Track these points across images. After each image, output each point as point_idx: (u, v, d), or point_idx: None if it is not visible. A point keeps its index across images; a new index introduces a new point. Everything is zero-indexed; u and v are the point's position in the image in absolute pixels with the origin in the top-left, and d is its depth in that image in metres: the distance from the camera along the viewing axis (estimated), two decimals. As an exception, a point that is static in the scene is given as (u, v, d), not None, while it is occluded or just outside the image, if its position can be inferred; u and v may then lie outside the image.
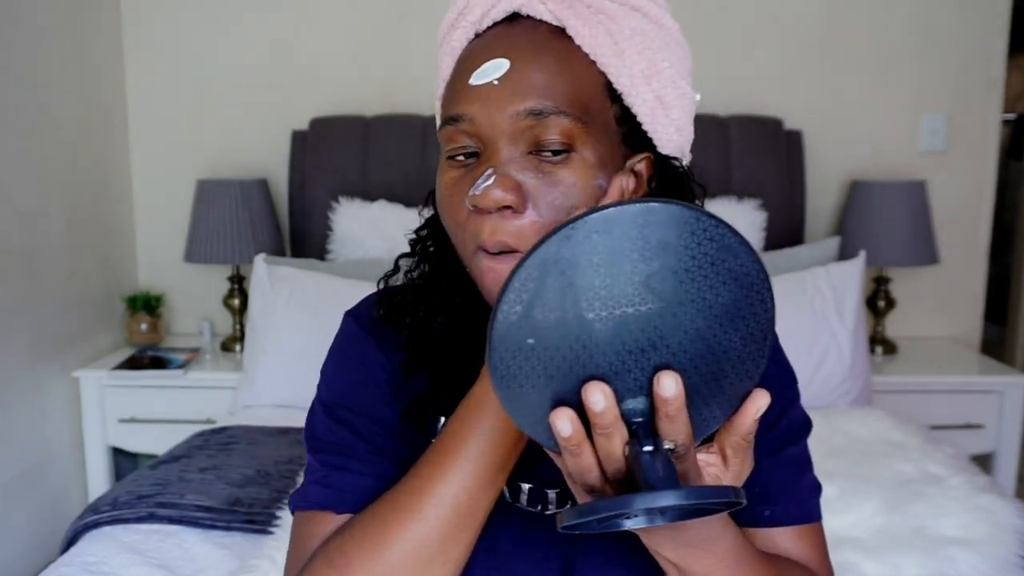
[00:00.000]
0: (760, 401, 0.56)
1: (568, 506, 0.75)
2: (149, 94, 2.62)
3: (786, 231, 2.49)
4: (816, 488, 0.81)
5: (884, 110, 2.61)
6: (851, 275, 2.20)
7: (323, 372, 0.81)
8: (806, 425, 0.81)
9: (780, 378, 0.80)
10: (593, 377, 0.52)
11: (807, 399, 0.83)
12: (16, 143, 2.10)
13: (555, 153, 0.65)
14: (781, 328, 0.70)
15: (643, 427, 0.53)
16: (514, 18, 0.69)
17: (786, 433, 0.79)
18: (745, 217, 2.38)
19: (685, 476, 0.56)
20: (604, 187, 0.67)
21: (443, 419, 0.76)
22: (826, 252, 2.33)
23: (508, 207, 0.64)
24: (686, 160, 0.75)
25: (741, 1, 2.56)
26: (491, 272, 0.65)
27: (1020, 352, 3.34)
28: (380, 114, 2.53)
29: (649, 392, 0.53)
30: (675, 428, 0.53)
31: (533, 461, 0.73)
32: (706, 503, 0.51)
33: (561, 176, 0.65)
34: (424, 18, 2.53)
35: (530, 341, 0.51)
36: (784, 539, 0.77)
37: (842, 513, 1.49)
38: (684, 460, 0.55)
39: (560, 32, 0.67)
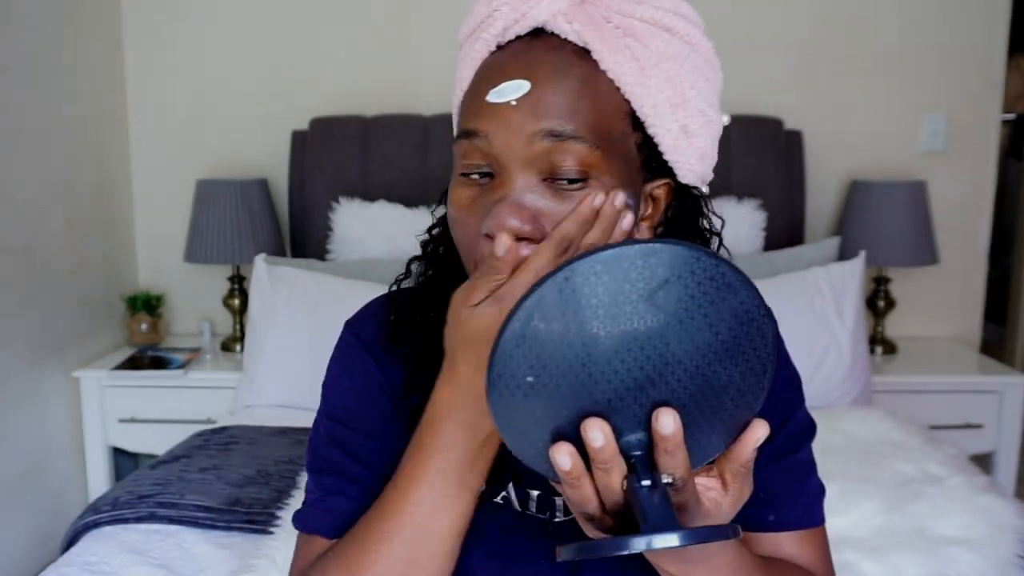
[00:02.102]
0: (759, 432, 0.56)
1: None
2: (149, 94, 2.62)
3: (786, 231, 2.49)
4: (820, 492, 0.81)
5: (884, 110, 2.61)
6: (851, 275, 2.20)
7: (324, 387, 0.81)
8: (811, 429, 0.81)
9: (785, 382, 0.80)
10: (592, 412, 0.52)
11: (807, 399, 0.83)
12: (16, 143, 2.10)
13: (571, 181, 0.64)
14: (781, 328, 0.70)
15: (641, 461, 0.54)
16: (538, 33, 0.67)
17: (791, 438, 0.79)
18: (745, 217, 2.38)
19: (683, 507, 0.56)
20: (631, 205, 0.66)
21: None
22: (826, 252, 2.33)
23: (524, 238, 0.63)
24: (707, 181, 0.74)
25: (741, 1, 2.56)
26: None
27: (1020, 352, 3.34)
28: (380, 114, 2.53)
29: (648, 427, 0.53)
30: (674, 463, 0.53)
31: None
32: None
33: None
34: (424, 18, 2.53)
35: (529, 379, 0.51)
36: (788, 543, 0.77)
37: (842, 513, 1.49)
38: (683, 492, 0.55)
39: (585, 53, 0.65)
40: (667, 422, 0.52)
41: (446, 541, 0.67)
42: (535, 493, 0.75)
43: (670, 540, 0.48)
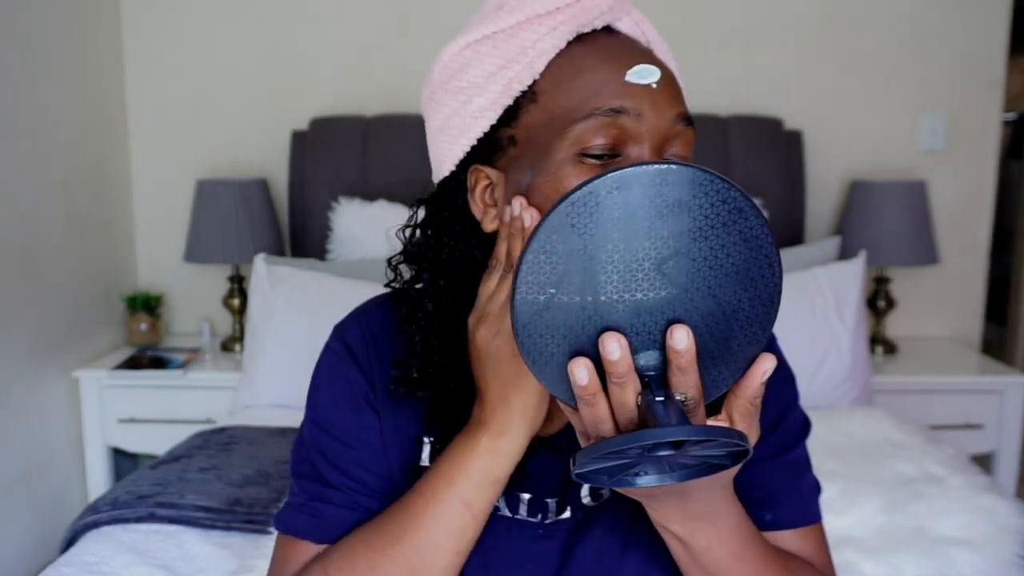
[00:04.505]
0: (767, 364, 0.57)
1: (568, 514, 0.75)
2: (149, 94, 2.62)
3: (786, 231, 2.49)
4: (816, 489, 0.81)
5: (884, 110, 2.61)
6: (851, 275, 2.20)
7: (309, 391, 0.81)
8: (806, 426, 0.82)
9: (781, 379, 0.80)
10: (609, 329, 0.54)
11: (807, 399, 0.83)
12: (16, 143, 2.10)
13: None
14: (781, 328, 0.70)
15: (655, 380, 0.55)
16: (606, 30, 0.70)
17: (786, 435, 0.79)
18: (745, 217, 2.37)
19: None
20: None
21: (427, 440, 0.77)
22: (826, 252, 2.33)
23: None
24: None
25: (742, 1, 2.56)
26: None
27: (1020, 352, 3.34)
28: (380, 114, 2.53)
29: (662, 347, 0.55)
30: (686, 381, 0.54)
31: (533, 471, 0.74)
32: (715, 456, 0.53)
33: None
34: (424, 18, 2.53)
35: (551, 290, 0.53)
36: (786, 541, 0.78)
37: (842, 513, 1.49)
38: (694, 414, 0.56)
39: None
40: (681, 337, 0.53)
41: (450, 556, 0.69)
42: (526, 496, 0.76)
43: (683, 432, 0.49)
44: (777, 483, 0.77)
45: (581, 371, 0.54)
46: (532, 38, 0.67)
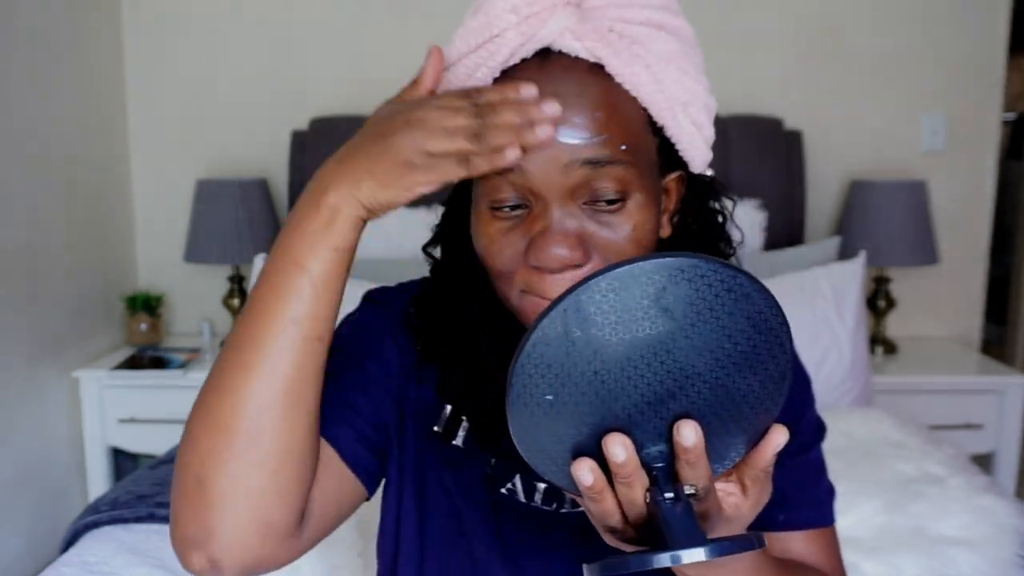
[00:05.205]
0: (779, 438, 0.56)
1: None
2: (149, 94, 2.62)
3: (786, 231, 2.49)
4: (830, 492, 0.81)
5: (884, 110, 2.61)
6: (851, 275, 2.20)
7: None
8: (820, 429, 0.81)
9: (796, 382, 0.80)
10: (612, 426, 0.52)
11: (810, 399, 0.83)
12: (16, 143, 2.10)
13: (610, 202, 0.63)
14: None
15: (663, 473, 0.54)
16: (545, 54, 0.64)
17: (802, 437, 0.79)
18: (745, 217, 2.37)
19: (705, 515, 0.57)
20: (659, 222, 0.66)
21: (448, 407, 0.76)
22: (826, 252, 2.33)
23: (572, 265, 0.62)
24: (709, 160, 0.73)
25: (741, 1, 2.56)
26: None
27: (1020, 352, 3.34)
28: (380, 114, 2.52)
29: (668, 438, 0.53)
30: (696, 474, 0.53)
31: None
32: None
33: (618, 223, 0.63)
34: (424, 18, 2.53)
35: (549, 398, 0.51)
36: (798, 543, 0.77)
37: (842, 513, 1.47)
38: (705, 501, 0.55)
39: (598, 68, 0.63)
40: (688, 434, 0.52)
41: (284, 323, 0.61)
42: (542, 486, 0.76)
43: (696, 555, 0.48)
44: (791, 484, 0.76)
45: (586, 474, 0.53)
46: (464, 75, 0.66)
